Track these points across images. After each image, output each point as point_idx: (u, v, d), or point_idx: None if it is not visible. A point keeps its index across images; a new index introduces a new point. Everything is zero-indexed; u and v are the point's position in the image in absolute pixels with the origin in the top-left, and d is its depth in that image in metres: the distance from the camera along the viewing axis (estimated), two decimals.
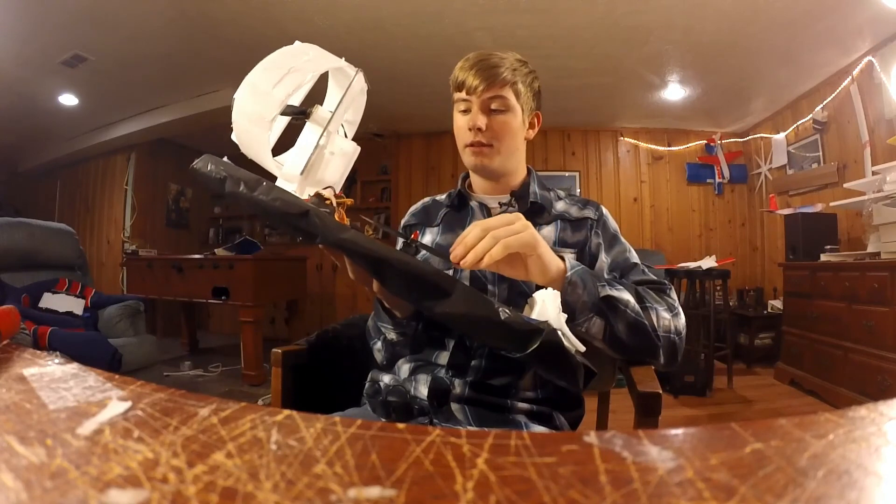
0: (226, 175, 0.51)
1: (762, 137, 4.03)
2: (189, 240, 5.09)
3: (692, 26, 2.64)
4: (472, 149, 0.79)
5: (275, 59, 0.60)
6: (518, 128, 0.80)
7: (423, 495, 0.19)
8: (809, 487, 0.18)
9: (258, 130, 0.57)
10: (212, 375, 3.27)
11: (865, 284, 2.24)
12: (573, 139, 4.39)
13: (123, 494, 0.18)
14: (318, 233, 0.47)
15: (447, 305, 0.46)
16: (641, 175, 4.38)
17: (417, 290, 0.48)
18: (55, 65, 3.05)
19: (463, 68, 0.78)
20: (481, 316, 0.45)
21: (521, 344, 0.45)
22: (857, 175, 2.91)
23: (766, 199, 3.89)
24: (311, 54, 0.63)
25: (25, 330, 2.08)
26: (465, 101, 0.79)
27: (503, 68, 0.77)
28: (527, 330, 0.45)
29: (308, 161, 0.60)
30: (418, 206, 0.95)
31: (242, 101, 0.58)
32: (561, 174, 4.32)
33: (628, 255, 0.81)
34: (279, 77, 0.57)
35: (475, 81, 0.76)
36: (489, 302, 0.47)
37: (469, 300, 0.46)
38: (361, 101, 0.71)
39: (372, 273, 0.49)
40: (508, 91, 0.77)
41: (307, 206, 0.48)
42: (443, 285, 0.46)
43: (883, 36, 2.69)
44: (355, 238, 0.47)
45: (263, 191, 0.49)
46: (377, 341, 0.82)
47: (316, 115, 0.63)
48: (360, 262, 0.48)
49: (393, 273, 0.47)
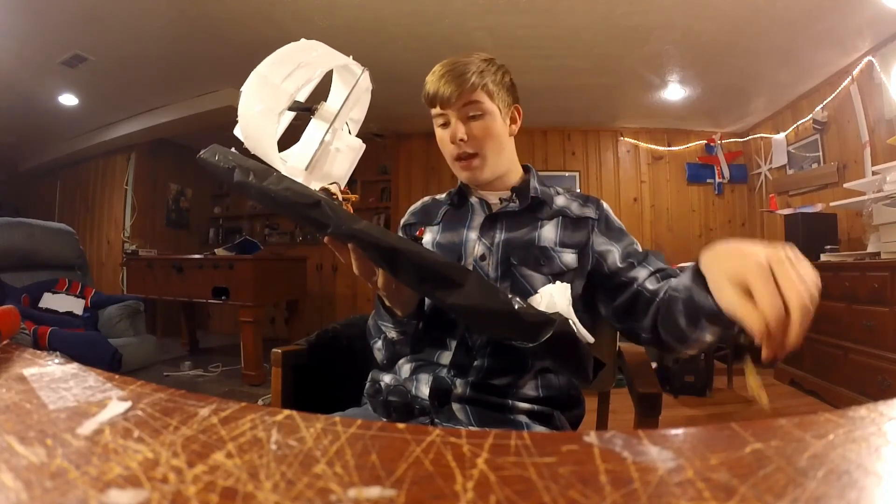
0: (235, 165, 0.51)
1: (762, 137, 4.03)
2: (189, 240, 5.09)
3: (692, 26, 2.64)
4: (460, 163, 0.79)
5: (285, 53, 0.60)
6: (500, 128, 0.79)
7: (423, 495, 0.19)
8: (809, 487, 0.18)
9: (265, 123, 0.57)
10: (212, 375, 3.27)
11: (865, 284, 2.24)
12: (573, 139, 4.38)
13: (123, 494, 0.18)
14: (331, 223, 0.46)
15: (460, 296, 0.45)
16: (641, 175, 4.38)
17: (430, 281, 0.47)
18: (55, 65, 3.05)
19: (431, 82, 0.77)
20: (494, 307, 0.45)
21: (534, 334, 0.44)
22: (857, 175, 2.91)
23: (766, 199, 3.89)
24: (319, 51, 0.62)
25: (25, 330, 2.08)
26: (442, 115, 0.78)
27: (470, 73, 0.75)
28: (540, 320, 0.45)
29: (314, 156, 0.60)
30: (418, 206, 0.94)
31: (251, 93, 0.57)
32: (561, 174, 4.32)
33: (636, 246, 0.80)
34: (289, 71, 0.57)
35: (447, 92, 0.75)
36: (502, 293, 0.46)
37: (482, 291, 0.45)
38: (366, 100, 0.71)
39: (384, 264, 0.49)
40: (481, 94, 0.76)
41: (318, 196, 0.48)
42: (455, 276, 0.45)
43: (883, 36, 2.69)
44: (368, 228, 0.46)
45: (273, 181, 0.49)
46: (377, 340, 0.81)
47: (322, 112, 0.63)
48: (371, 252, 0.48)
49: (405, 264, 0.47)
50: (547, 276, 0.75)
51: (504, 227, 0.80)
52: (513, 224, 0.80)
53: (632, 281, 0.74)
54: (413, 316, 0.74)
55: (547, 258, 0.76)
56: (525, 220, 0.80)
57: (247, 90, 0.57)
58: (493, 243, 0.79)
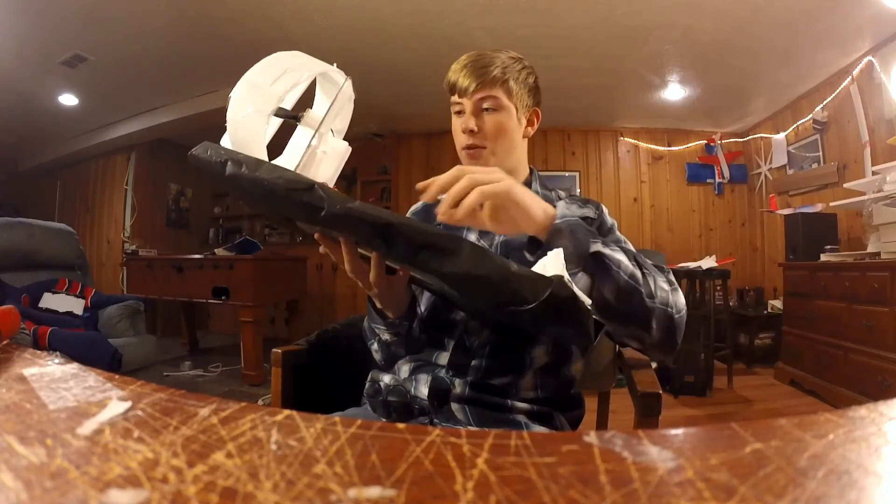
0: (227, 158, 0.51)
1: (762, 137, 4.03)
2: (189, 240, 5.09)
3: (692, 26, 2.64)
4: (467, 152, 0.79)
5: (271, 60, 0.61)
6: (513, 127, 0.79)
7: (423, 495, 0.19)
8: (809, 487, 0.18)
9: (255, 125, 0.58)
10: (212, 375, 3.27)
11: (865, 284, 2.24)
12: (573, 139, 4.39)
13: (123, 494, 0.18)
14: (325, 205, 0.46)
15: (455, 264, 0.45)
16: (641, 175, 4.38)
17: (424, 252, 0.47)
18: (55, 65, 3.05)
19: (454, 70, 0.78)
20: (490, 270, 0.45)
21: (532, 293, 0.44)
22: (857, 175, 2.91)
23: (766, 199, 3.89)
24: (303, 58, 0.64)
25: (25, 330, 2.08)
26: (458, 104, 0.79)
27: (494, 67, 0.76)
28: (537, 279, 0.45)
29: (300, 160, 0.60)
30: (419, 206, 0.95)
31: (239, 98, 0.58)
32: (561, 174, 4.32)
33: (625, 244, 0.80)
34: (277, 75, 0.59)
35: (465, 83, 0.76)
36: (497, 257, 0.46)
37: (477, 257, 0.45)
38: (348, 110, 0.72)
39: (378, 241, 0.49)
40: (499, 90, 0.76)
41: (311, 180, 0.48)
42: (449, 245, 0.46)
43: (883, 36, 2.69)
44: (362, 207, 0.47)
45: (266, 170, 0.49)
46: (373, 342, 0.82)
47: (307, 119, 0.64)
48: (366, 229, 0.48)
49: (399, 238, 0.47)
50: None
51: None
52: None
53: None
54: (405, 317, 0.74)
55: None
56: None
57: (235, 96, 0.58)
58: (493, 245, 0.79)
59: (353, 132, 0.68)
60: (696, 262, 3.03)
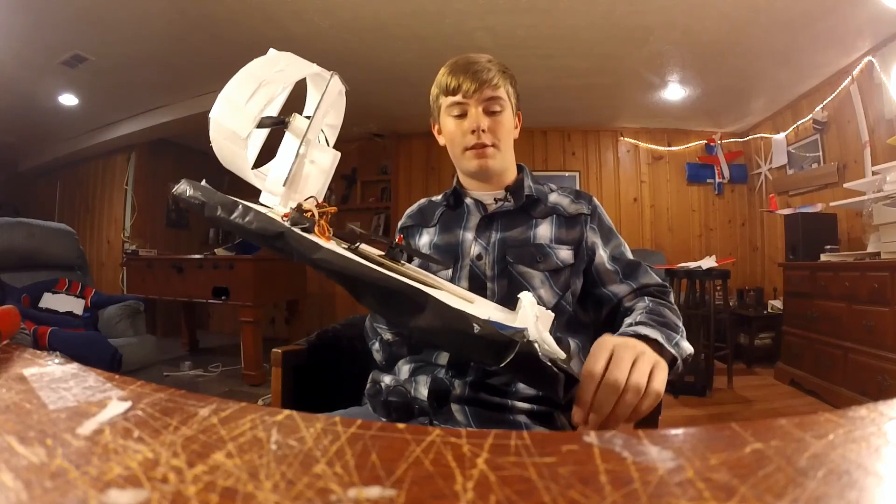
0: (203, 201, 0.52)
1: (762, 137, 4.03)
2: (189, 240, 5.09)
3: (692, 26, 2.64)
4: (473, 151, 0.80)
5: (247, 72, 0.60)
6: (511, 126, 0.83)
7: (423, 495, 0.19)
8: (809, 487, 0.18)
9: (235, 147, 0.58)
10: (212, 375, 3.27)
11: (865, 284, 2.24)
12: (573, 139, 4.38)
13: (123, 494, 0.18)
14: (294, 255, 0.48)
15: (420, 320, 0.45)
16: (641, 175, 4.38)
17: (390, 307, 0.48)
18: (55, 65, 3.05)
19: (454, 73, 0.79)
20: (455, 329, 0.44)
21: (496, 357, 0.44)
22: (857, 175, 2.91)
23: (766, 199, 3.89)
24: (281, 65, 0.63)
25: (25, 330, 2.08)
26: (460, 105, 0.80)
27: (493, 70, 0.79)
28: (501, 342, 0.44)
29: (290, 171, 0.60)
30: (414, 208, 0.96)
31: (219, 118, 0.58)
32: (561, 174, 4.32)
33: (623, 249, 0.82)
34: (251, 91, 0.57)
35: (471, 84, 0.77)
36: (463, 314, 0.46)
37: (441, 314, 0.45)
38: (341, 104, 0.71)
39: (347, 288, 0.50)
40: (502, 91, 0.80)
41: (282, 227, 0.49)
42: (415, 299, 0.45)
43: (883, 36, 2.69)
44: (327, 257, 0.47)
45: (240, 214, 0.50)
46: (375, 342, 0.82)
47: (294, 125, 0.63)
48: (334, 278, 0.49)
49: (365, 291, 0.48)
50: (544, 273, 0.77)
51: (500, 226, 0.82)
52: (508, 223, 0.82)
53: (614, 296, 0.79)
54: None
55: (543, 255, 0.78)
56: (520, 219, 0.82)
57: (215, 115, 0.58)
58: (490, 243, 0.80)
59: (353, 132, 0.68)
60: (696, 262, 3.03)
